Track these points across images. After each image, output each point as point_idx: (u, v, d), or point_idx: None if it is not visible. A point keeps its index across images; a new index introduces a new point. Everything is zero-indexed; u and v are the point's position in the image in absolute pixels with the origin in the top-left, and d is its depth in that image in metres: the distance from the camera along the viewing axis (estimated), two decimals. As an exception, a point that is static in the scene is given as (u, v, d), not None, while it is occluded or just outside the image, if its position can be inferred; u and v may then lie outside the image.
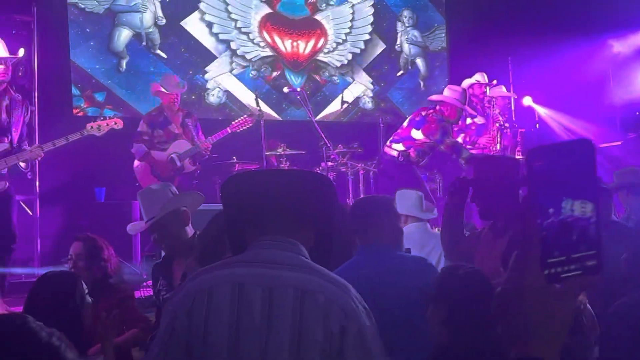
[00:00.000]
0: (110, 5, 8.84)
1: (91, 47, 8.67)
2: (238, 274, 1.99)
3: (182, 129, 7.43)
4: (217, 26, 9.66)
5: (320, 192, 2.16)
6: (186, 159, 7.33)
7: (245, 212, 2.13)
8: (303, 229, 2.10)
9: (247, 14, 9.95)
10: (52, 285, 3.20)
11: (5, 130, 5.72)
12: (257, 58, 9.97)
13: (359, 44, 10.94)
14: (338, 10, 10.84)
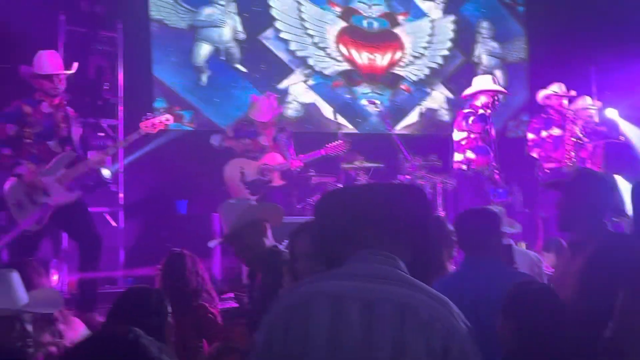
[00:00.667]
0: (191, 21, 9.00)
1: (173, 62, 8.83)
2: (336, 288, 1.95)
3: (273, 142, 7.50)
4: (294, 43, 9.71)
5: (415, 205, 2.11)
6: (275, 172, 7.39)
7: (341, 227, 2.10)
8: (400, 243, 2.05)
9: (323, 28, 9.98)
10: (135, 300, 3.20)
11: (66, 139, 5.84)
12: (335, 73, 9.98)
13: (437, 59, 10.83)
14: (417, 24, 10.76)
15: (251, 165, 7.44)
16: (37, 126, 5.67)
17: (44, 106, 5.74)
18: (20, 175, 5.56)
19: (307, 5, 9.86)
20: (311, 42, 9.85)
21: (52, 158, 5.71)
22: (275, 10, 9.61)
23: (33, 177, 5.57)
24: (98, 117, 7.59)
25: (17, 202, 5.59)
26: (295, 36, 9.74)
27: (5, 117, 5.63)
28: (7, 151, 5.57)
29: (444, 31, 10.95)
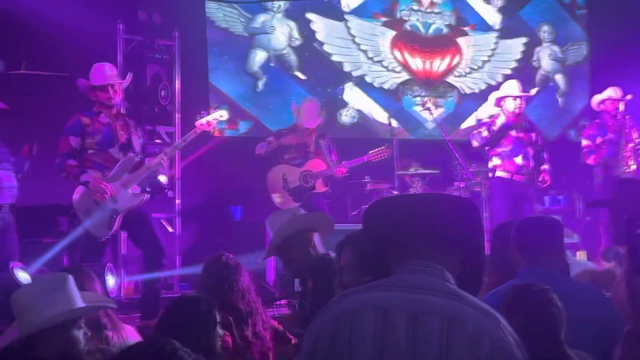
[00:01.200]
0: (247, 28, 9.06)
1: (229, 69, 8.92)
2: (382, 298, 1.92)
3: (315, 148, 7.52)
4: (348, 65, 9.69)
5: (465, 217, 2.07)
6: (318, 179, 7.40)
7: (389, 237, 2.07)
8: (449, 255, 2.01)
9: (374, 41, 9.92)
10: (183, 309, 3.19)
11: (127, 146, 5.97)
12: (394, 86, 9.94)
13: (496, 77, 10.64)
14: (481, 37, 10.65)
15: (294, 172, 7.43)
16: (97, 135, 5.83)
17: (102, 117, 5.89)
18: (87, 182, 5.70)
19: (354, 21, 9.80)
20: (366, 57, 9.81)
21: (114, 165, 5.85)
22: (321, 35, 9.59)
23: (99, 183, 5.69)
24: (155, 124, 7.71)
25: (87, 210, 5.74)
26: (349, 57, 9.71)
27: (68, 131, 5.83)
28: (73, 162, 5.76)
29: (511, 50, 10.80)
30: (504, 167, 7.43)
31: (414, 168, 8.34)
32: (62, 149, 5.79)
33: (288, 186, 7.43)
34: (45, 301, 2.67)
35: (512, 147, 7.49)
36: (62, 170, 5.80)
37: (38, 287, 2.75)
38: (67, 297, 2.74)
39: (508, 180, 7.46)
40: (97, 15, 7.48)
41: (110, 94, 5.94)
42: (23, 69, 7.28)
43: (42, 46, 7.44)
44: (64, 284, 2.76)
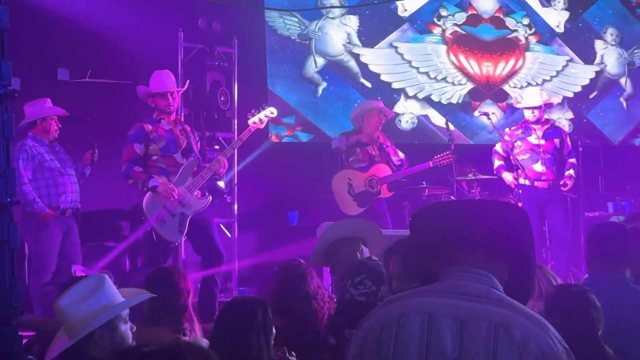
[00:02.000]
0: (305, 34, 9.10)
1: (287, 75, 8.97)
2: (429, 304, 1.91)
3: (378, 152, 7.50)
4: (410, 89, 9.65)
5: (514, 223, 2.04)
6: (384, 184, 7.38)
7: (436, 243, 2.06)
8: (497, 262, 1.98)
9: (431, 60, 9.85)
10: (239, 310, 3.22)
11: (188, 151, 6.09)
12: (461, 99, 9.86)
13: (562, 91, 10.47)
14: (550, 57, 10.50)
15: (359, 177, 7.43)
16: (160, 141, 5.95)
17: (163, 124, 6.00)
18: (155, 187, 5.79)
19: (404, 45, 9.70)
20: (427, 78, 9.74)
21: (178, 170, 5.96)
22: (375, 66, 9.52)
23: (167, 186, 5.80)
24: (214, 130, 7.80)
25: (158, 216, 5.84)
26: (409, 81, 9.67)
27: (131, 138, 5.94)
28: (139, 168, 5.87)
29: (580, 75, 10.62)
30: (525, 175, 7.37)
31: (472, 174, 8.22)
32: (126, 157, 5.90)
33: (353, 191, 7.41)
34: (89, 303, 2.69)
35: (530, 155, 7.45)
36: (128, 177, 5.89)
37: (79, 291, 2.75)
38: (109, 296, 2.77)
39: (530, 187, 7.42)
40: (158, 24, 7.64)
41: (169, 101, 6.06)
42: (88, 77, 7.48)
43: (105, 55, 7.62)
44: (103, 283, 2.78)
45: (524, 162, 7.46)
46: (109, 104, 7.64)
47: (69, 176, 6.26)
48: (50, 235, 6.07)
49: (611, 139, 10.78)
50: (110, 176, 7.27)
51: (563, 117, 10.48)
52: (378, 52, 9.52)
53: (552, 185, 7.45)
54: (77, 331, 2.65)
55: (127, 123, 7.02)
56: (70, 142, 6.62)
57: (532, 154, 7.48)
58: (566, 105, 10.53)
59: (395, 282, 3.21)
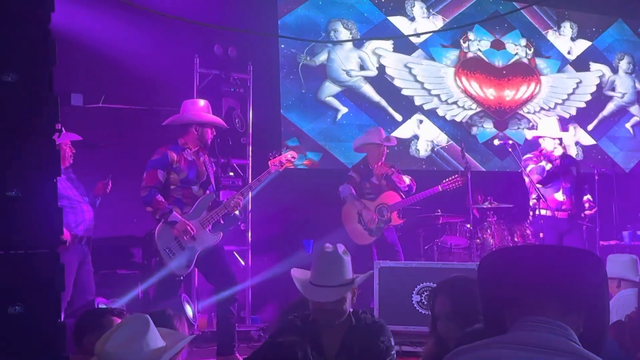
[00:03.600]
0: (319, 60, 9.06)
1: (301, 101, 8.92)
2: (503, 357, 1.82)
3: (385, 181, 7.44)
4: (418, 99, 9.62)
5: (590, 272, 1.95)
6: (394, 211, 7.32)
7: (507, 290, 1.97)
8: (571, 313, 1.90)
9: (443, 84, 9.83)
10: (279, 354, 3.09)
11: (207, 183, 5.98)
12: (465, 118, 9.82)
13: (569, 110, 10.48)
14: (559, 78, 10.47)
15: (369, 206, 7.36)
16: (182, 172, 5.83)
17: (187, 153, 5.90)
18: (174, 223, 5.71)
19: (417, 67, 9.70)
20: (439, 100, 9.72)
21: (194, 202, 5.85)
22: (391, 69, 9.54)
23: (186, 226, 5.71)
24: (228, 157, 7.73)
25: (168, 248, 5.74)
26: (421, 96, 9.64)
27: (155, 164, 5.80)
28: (161, 197, 5.74)
29: (586, 85, 10.62)
30: (545, 205, 7.26)
31: (488, 202, 8.16)
32: (149, 182, 5.74)
33: (363, 220, 7.37)
34: (136, 349, 2.62)
35: (551, 184, 7.34)
36: (149, 204, 5.74)
37: (125, 334, 2.68)
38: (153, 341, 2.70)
39: (551, 218, 7.29)
40: (173, 49, 7.60)
41: (210, 134, 6.01)
42: (102, 102, 7.41)
43: (119, 80, 7.56)
44: (148, 328, 2.71)
45: (544, 191, 7.34)
46: (123, 129, 7.57)
47: (86, 204, 6.17)
48: (68, 265, 5.94)
49: (622, 166, 10.75)
50: (122, 202, 7.18)
51: (575, 144, 10.46)
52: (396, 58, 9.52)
53: (570, 215, 7.35)
54: None
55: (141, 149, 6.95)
56: (83, 169, 6.52)
57: (553, 183, 7.37)
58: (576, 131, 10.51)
59: (442, 322, 3.12)
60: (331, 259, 3.58)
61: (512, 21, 10.29)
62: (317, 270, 3.59)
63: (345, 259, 3.58)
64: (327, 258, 3.59)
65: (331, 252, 3.60)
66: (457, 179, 7.37)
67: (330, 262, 3.58)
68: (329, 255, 3.59)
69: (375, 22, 9.44)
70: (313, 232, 7.80)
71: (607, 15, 10.96)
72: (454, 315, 3.06)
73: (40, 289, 2.07)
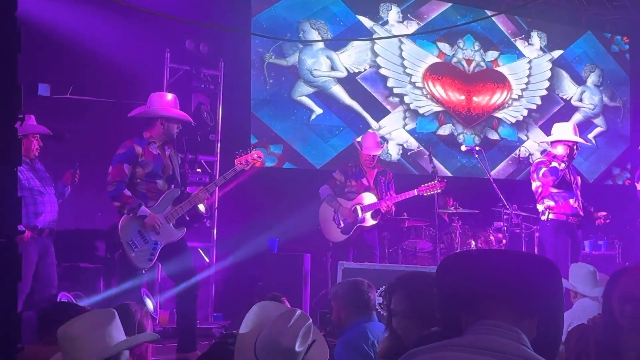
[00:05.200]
0: (291, 60, 9.05)
1: (271, 99, 8.91)
2: (457, 359, 1.84)
3: (374, 185, 7.47)
4: (392, 80, 9.68)
5: (545, 278, 1.98)
6: (368, 212, 7.34)
7: (464, 294, 1.99)
8: (525, 318, 1.92)
9: (420, 66, 9.92)
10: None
11: (172, 177, 5.93)
12: (429, 112, 9.89)
13: (535, 99, 10.65)
14: (515, 65, 10.61)
15: (344, 205, 7.40)
16: (148, 166, 5.78)
17: (152, 147, 5.85)
18: (143, 217, 5.67)
19: (408, 44, 9.83)
20: (409, 80, 9.80)
21: (158, 196, 5.81)
22: (378, 47, 9.62)
23: (156, 221, 5.69)
24: (196, 153, 7.69)
25: (131, 241, 5.70)
26: (395, 73, 9.72)
27: (121, 158, 5.73)
28: (128, 192, 5.69)
29: (541, 70, 10.78)
30: (560, 209, 7.23)
31: (453, 207, 8.23)
32: (115, 177, 5.67)
33: (337, 218, 7.40)
34: (97, 335, 2.63)
35: (565, 189, 7.34)
36: (116, 199, 5.69)
37: (89, 321, 2.70)
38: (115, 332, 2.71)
39: (564, 222, 7.24)
40: (144, 44, 7.53)
41: (176, 129, 5.99)
42: (69, 93, 7.33)
43: (88, 71, 7.48)
44: (113, 320, 2.72)
45: (560, 195, 7.24)
46: (91, 121, 7.49)
47: (48, 195, 6.09)
48: (27, 257, 5.87)
49: (586, 176, 10.90)
50: (87, 195, 7.12)
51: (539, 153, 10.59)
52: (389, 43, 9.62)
53: (579, 221, 7.33)
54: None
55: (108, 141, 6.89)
56: (50, 160, 6.46)
57: (566, 188, 7.33)
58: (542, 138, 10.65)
59: (398, 320, 3.12)
60: (282, 353, 2.59)
61: (482, 30, 10.40)
62: (265, 354, 2.63)
63: (299, 352, 2.61)
64: (277, 350, 2.59)
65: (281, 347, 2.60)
66: (435, 184, 7.27)
67: (280, 354, 2.59)
68: (280, 349, 2.59)
69: (348, 24, 9.47)
70: (278, 231, 7.81)
71: (577, 27, 11.11)
72: (410, 313, 3.05)
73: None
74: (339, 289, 4.31)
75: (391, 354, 3.06)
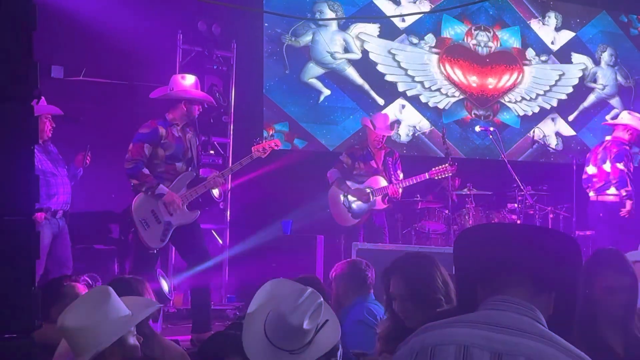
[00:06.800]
0: (303, 41, 9.00)
1: (284, 82, 8.87)
2: (465, 335, 1.83)
3: (383, 166, 7.42)
4: (402, 85, 9.61)
5: (565, 254, 1.95)
6: (379, 196, 7.30)
7: (479, 269, 1.97)
8: (542, 294, 1.90)
9: (427, 70, 9.82)
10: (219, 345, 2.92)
11: (190, 160, 5.94)
12: (449, 105, 9.83)
13: (551, 101, 10.55)
14: (542, 69, 10.54)
15: (355, 189, 7.36)
16: (169, 149, 5.79)
17: (174, 129, 5.85)
18: (162, 195, 5.68)
19: (402, 54, 9.68)
20: (422, 87, 9.71)
21: (175, 178, 5.82)
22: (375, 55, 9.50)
23: (174, 198, 5.70)
24: (209, 134, 7.68)
25: (143, 220, 5.72)
26: (404, 82, 9.63)
27: (143, 137, 5.74)
28: (147, 171, 5.70)
29: (568, 79, 10.69)
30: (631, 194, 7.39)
31: (467, 188, 8.19)
32: (135, 155, 5.68)
33: (348, 202, 7.37)
34: (97, 320, 2.59)
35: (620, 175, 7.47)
36: (134, 177, 5.69)
37: (84, 307, 2.64)
38: (116, 310, 2.67)
39: (617, 204, 7.42)
40: (157, 25, 7.51)
41: (197, 111, 5.98)
42: (82, 75, 7.33)
43: (101, 53, 7.47)
44: (109, 297, 2.67)
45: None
46: (104, 103, 7.50)
47: (61, 177, 6.11)
48: (41, 237, 5.89)
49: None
50: (101, 177, 7.14)
51: (552, 134, 10.53)
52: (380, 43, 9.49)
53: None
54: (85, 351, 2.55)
55: (121, 123, 6.90)
56: (63, 142, 6.46)
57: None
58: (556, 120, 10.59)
59: (398, 303, 3.07)
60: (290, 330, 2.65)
61: (497, 10, 10.30)
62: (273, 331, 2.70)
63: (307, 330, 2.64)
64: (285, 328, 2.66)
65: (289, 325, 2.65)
66: (447, 168, 7.19)
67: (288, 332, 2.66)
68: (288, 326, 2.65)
69: (360, 4, 9.41)
70: (291, 213, 7.81)
71: (592, 7, 11.00)
72: (409, 295, 3.03)
73: (15, 256, 2.05)
74: (339, 268, 4.37)
75: (392, 336, 3.05)
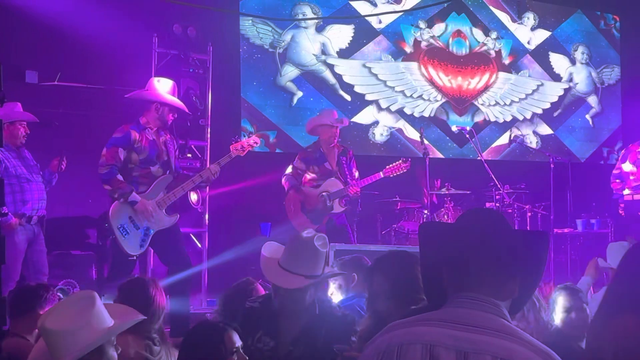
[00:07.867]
0: (279, 43, 9.00)
1: (261, 84, 8.86)
2: (432, 334, 1.82)
3: (337, 166, 7.30)
4: (384, 101, 9.63)
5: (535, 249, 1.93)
6: (335, 199, 7.19)
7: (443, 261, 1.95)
8: (508, 283, 1.89)
9: (406, 79, 9.83)
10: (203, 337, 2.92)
11: (166, 164, 5.86)
12: (433, 112, 9.87)
13: (524, 113, 10.63)
14: (521, 78, 10.61)
15: (311, 194, 7.25)
16: (143, 153, 5.70)
17: (148, 132, 5.77)
18: (134, 203, 5.62)
19: (377, 67, 9.69)
20: (403, 95, 9.73)
21: (151, 182, 5.75)
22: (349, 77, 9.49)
23: (146, 207, 5.64)
24: (186, 138, 7.64)
25: (122, 227, 5.65)
26: (385, 97, 9.65)
27: (117, 142, 5.64)
28: (121, 177, 5.60)
29: (548, 94, 10.79)
30: None
31: (445, 188, 8.22)
32: (109, 160, 5.57)
33: (306, 209, 7.24)
34: (78, 325, 2.52)
35: None
36: (108, 183, 5.58)
37: (68, 311, 2.57)
38: (99, 318, 2.62)
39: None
40: (132, 29, 7.46)
41: (171, 117, 5.89)
42: (57, 80, 7.27)
43: (76, 57, 7.42)
44: (94, 304, 2.61)
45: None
46: (79, 108, 7.44)
47: (36, 183, 6.05)
48: (15, 244, 5.84)
49: (578, 155, 10.92)
50: (77, 182, 7.09)
51: (531, 132, 10.60)
52: (353, 64, 9.47)
53: None
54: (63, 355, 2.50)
55: (97, 128, 6.84)
56: (38, 147, 6.41)
57: None
58: (535, 120, 10.66)
59: (382, 302, 3.06)
60: (306, 247, 3.27)
61: (472, 10, 10.35)
62: (289, 254, 3.29)
63: (321, 251, 3.28)
64: (302, 244, 3.28)
65: (307, 240, 3.28)
66: (400, 165, 7.10)
67: (304, 249, 3.27)
68: (305, 242, 3.27)
69: (337, 6, 9.42)
70: (271, 215, 7.78)
71: (567, 6, 11.09)
72: (391, 293, 3.02)
73: (-20, 262, 2.04)
74: (344, 262, 4.54)
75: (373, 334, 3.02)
